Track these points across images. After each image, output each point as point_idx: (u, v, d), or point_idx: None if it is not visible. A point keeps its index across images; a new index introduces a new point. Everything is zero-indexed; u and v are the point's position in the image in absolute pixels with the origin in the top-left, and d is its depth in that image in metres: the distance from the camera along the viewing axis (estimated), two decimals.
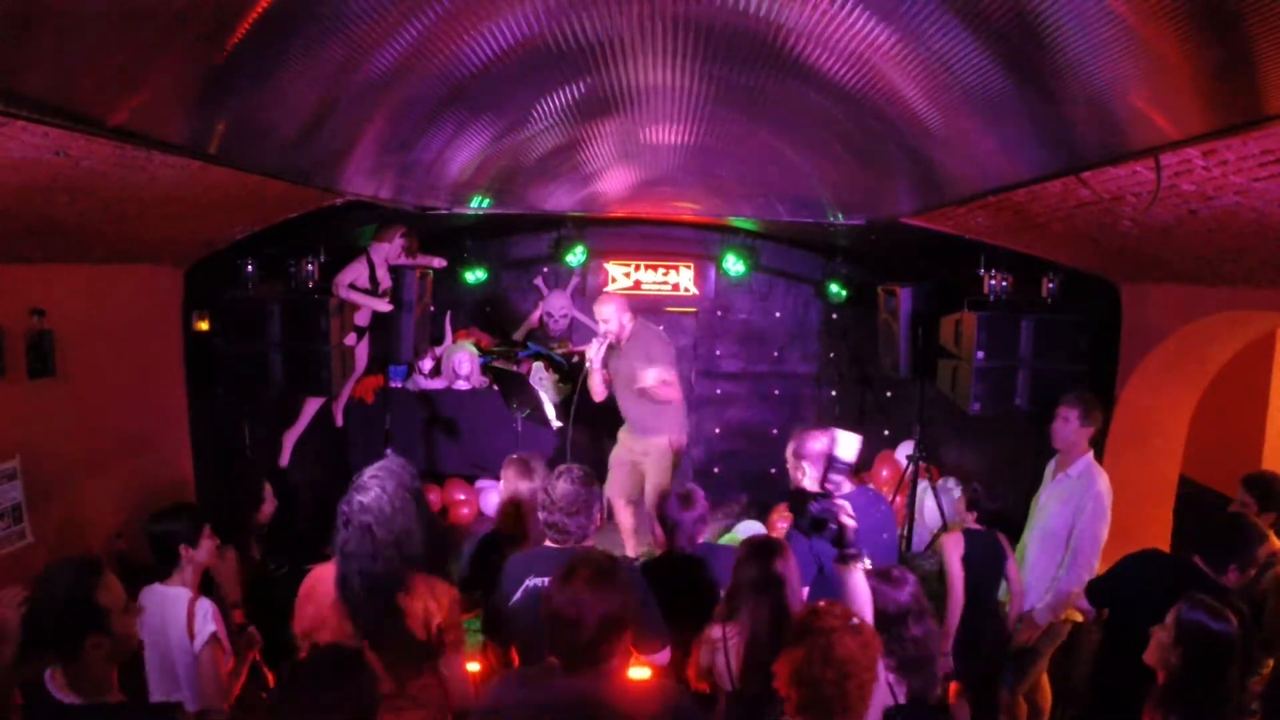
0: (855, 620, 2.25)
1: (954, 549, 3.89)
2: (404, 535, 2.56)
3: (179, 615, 2.97)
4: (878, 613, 2.62)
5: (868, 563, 2.76)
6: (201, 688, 2.94)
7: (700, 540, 3.59)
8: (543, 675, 2.21)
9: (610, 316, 5.32)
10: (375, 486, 2.58)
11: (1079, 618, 4.01)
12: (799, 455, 3.51)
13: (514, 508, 3.52)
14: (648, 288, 8.01)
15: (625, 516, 5.83)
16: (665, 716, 2.19)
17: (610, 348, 5.43)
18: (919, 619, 2.65)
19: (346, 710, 2.01)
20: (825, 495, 2.86)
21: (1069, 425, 4.04)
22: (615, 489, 5.76)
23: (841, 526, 2.75)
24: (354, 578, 2.57)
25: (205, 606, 3.00)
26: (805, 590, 3.06)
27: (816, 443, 3.41)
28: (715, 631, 2.88)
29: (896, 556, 3.41)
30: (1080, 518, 3.92)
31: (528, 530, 3.42)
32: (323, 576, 2.73)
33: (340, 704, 2.00)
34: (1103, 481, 3.95)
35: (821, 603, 2.42)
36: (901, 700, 2.69)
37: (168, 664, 2.99)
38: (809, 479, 3.42)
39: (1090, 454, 4.06)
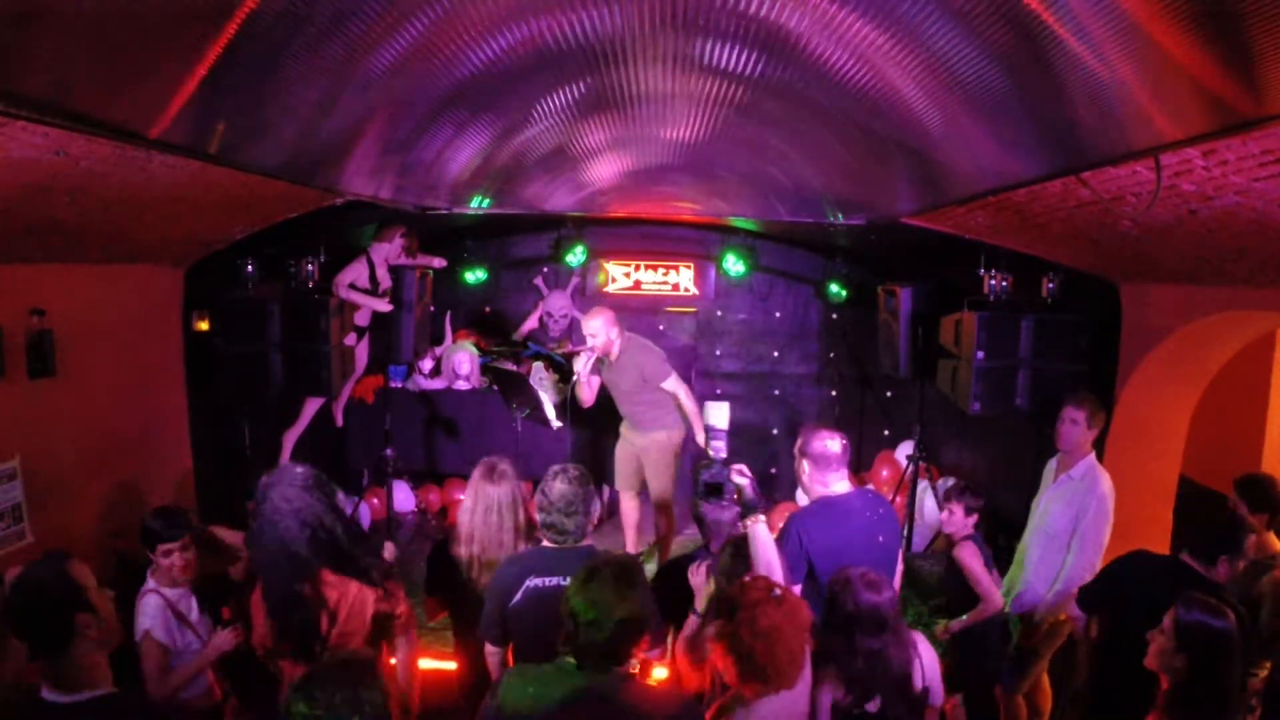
0: (778, 591, 2.40)
1: (975, 559, 3.87)
2: (291, 541, 2.80)
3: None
4: (837, 609, 2.64)
5: (763, 518, 2.96)
6: (144, 679, 3.01)
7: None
8: (559, 674, 2.20)
9: (598, 331, 5.35)
10: (267, 504, 2.84)
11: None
12: (801, 452, 3.49)
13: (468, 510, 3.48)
14: (648, 288, 8.01)
15: (630, 510, 5.89)
16: (681, 717, 2.20)
17: (599, 360, 5.47)
18: (874, 631, 2.60)
19: (359, 715, 1.99)
20: (712, 463, 3.12)
21: (1077, 427, 4.02)
22: (622, 483, 5.86)
23: (738, 487, 2.98)
24: (272, 588, 2.86)
25: (148, 602, 3.08)
26: (798, 588, 3.06)
27: (819, 443, 3.36)
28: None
29: (895, 561, 3.39)
30: (1083, 520, 3.91)
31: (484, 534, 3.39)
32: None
33: (351, 711, 1.99)
34: (1106, 483, 3.94)
35: (746, 577, 2.60)
36: (842, 699, 2.62)
37: None
38: (806, 476, 3.39)
39: (1093, 455, 4.06)
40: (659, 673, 3.07)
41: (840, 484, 3.36)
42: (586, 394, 5.62)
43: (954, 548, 3.95)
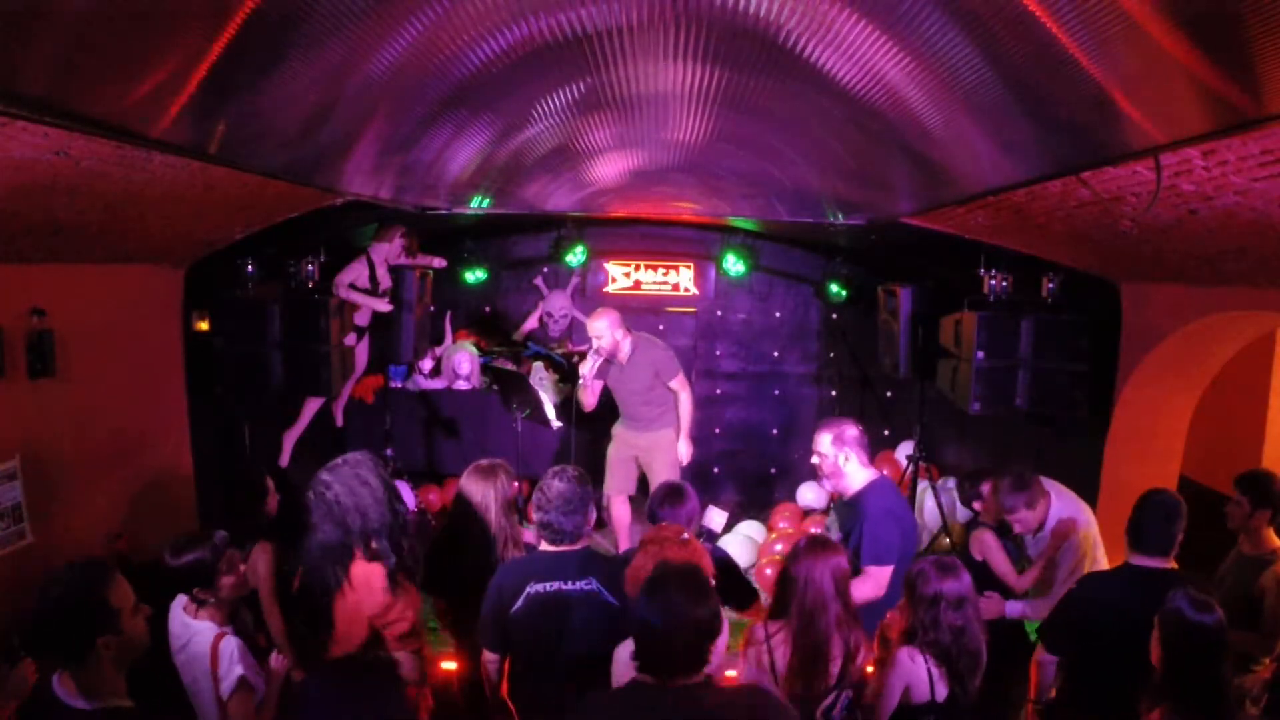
0: (685, 535, 2.87)
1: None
2: (358, 512, 2.89)
3: (203, 652, 2.77)
4: (918, 595, 2.88)
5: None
6: None
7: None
8: (640, 693, 2.12)
9: (603, 333, 5.37)
10: (342, 468, 2.97)
11: None
12: (840, 441, 3.59)
13: (463, 509, 3.44)
14: (648, 288, 8.00)
15: (623, 513, 5.87)
16: (770, 713, 2.19)
17: (606, 362, 5.47)
18: (956, 606, 2.84)
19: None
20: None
21: (1032, 514, 3.82)
22: (616, 486, 5.81)
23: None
24: (314, 549, 2.89)
25: (230, 647, 2.76)
26: (889, 570, 3.40)
27: (856, 429, 3.68)
28: (759, 631, 2.96)
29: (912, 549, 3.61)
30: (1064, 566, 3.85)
31: (476, 534, 3.39)
32: None
33: (370, 714, 1.98)
34: (1075, 541, 3.80)
35: (662, 524, 3.15)
36: (940, 698, 2.77)
37: (198, 699, 2.81)
38: (849, 463, 3.61)
39: (1056, 505, 3.89)
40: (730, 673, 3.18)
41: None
42: (589, 399, 5.62)
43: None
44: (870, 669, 3.01)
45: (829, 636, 2.86)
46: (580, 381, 5.55)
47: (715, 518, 3.84)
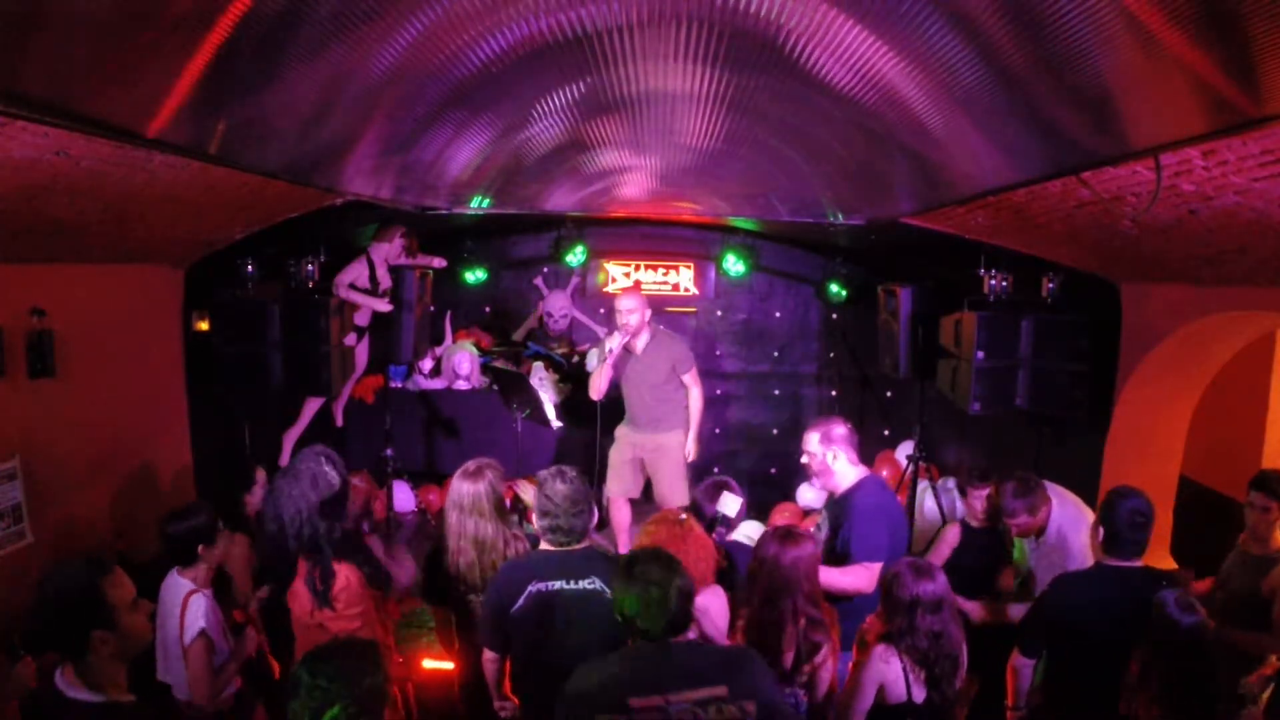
0: (683, 516, 3.06)
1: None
2: (291, 520, 3.03)
3: (176, 604, 3.04)
4: (894, 599, 2.83)
5: None
6: (188, 681, 3.03)
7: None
8: (643, 651, 2.34)
9: (635, 308, 5.39)
10: (300, 470, 3.12)
11: None
12: (828, 439, 3.60)
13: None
14: (648, 288, 7.99)
15: (623, 515, 5.84)
16: (759, 671, 2.40)
17: (625, 350, 5.45)
18: (933, 610, 2.79)
19: (349, 698, 2.01)
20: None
21: (1033, 519, 3.83)
22: (619, 488, 5.77)
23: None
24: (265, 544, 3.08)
25: (199, 604, 3.05)
26: (879, 567, 3.35)
27: (844, 427, 3.68)
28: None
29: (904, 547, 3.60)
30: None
31: (470, 536, 3.41)
32: None
33: (344, 692, 2.01)
34: (1077, 542, 3.77)
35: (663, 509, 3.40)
36: (918, 699, 2.74)
37: (165, 648, 3.10)
38: (837, 461, 3.62)
39: (1057, 509, 3.88)
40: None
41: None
42: (603, 383, 5.56)
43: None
44: (828, 673, 2.98)
45: (784, 622, 2.89)
46: (607, 355, 5.50)
47: (729, 504, 3.82)
